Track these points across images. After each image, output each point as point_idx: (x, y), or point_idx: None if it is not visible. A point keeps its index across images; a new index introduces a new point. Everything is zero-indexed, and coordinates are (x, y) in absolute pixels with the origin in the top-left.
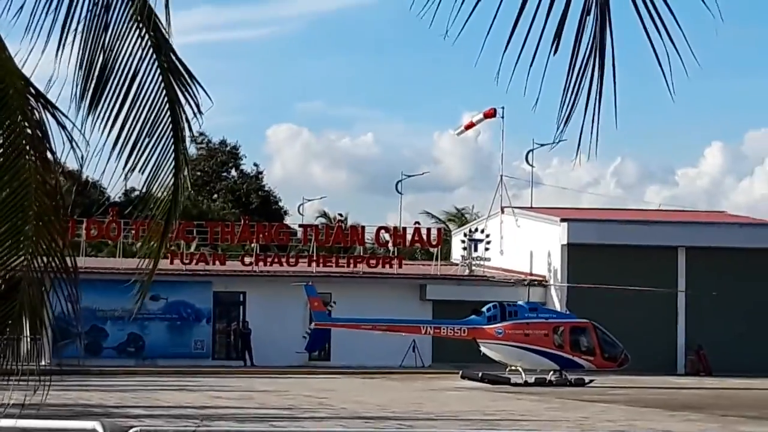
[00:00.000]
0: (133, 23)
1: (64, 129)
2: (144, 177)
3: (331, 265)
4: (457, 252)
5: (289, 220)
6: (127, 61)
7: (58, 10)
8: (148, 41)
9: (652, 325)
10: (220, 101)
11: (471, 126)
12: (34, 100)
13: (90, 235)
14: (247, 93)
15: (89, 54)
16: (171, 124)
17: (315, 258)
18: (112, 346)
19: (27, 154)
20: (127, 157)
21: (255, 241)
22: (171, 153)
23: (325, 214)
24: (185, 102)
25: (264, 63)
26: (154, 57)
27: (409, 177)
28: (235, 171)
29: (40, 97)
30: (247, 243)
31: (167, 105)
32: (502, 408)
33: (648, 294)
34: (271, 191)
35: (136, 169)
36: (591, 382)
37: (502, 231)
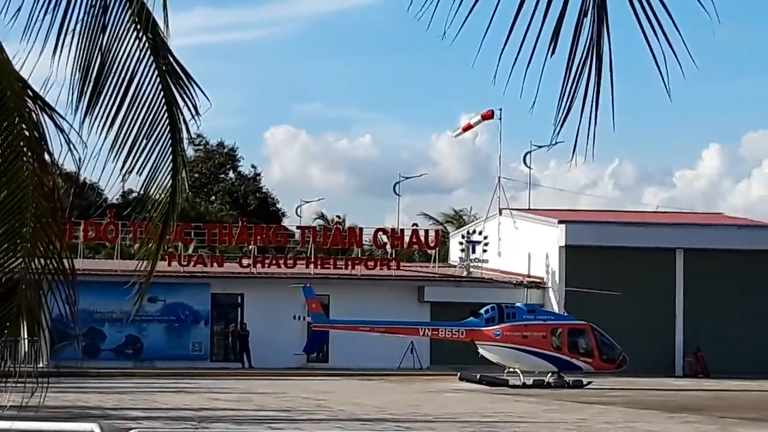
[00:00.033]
0: (130, 25)
1: (61, 131)
2: (142, 179)
3: (329, 267)
4: (455, 254)
5: (287, 222)
6: (124, 63)
7: (55, 11)
8: (146, 43)
9: (650, 326)
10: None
11: (469, 128)
12: (31, 102)
13: (88, 236)
14: (245, 95)
15: (87, 56)
16: (169, 126)
17: (313, 260)
18: (110, 348)
19: (24, 156)
20: (125, 158)
21: (253, 242)
22: (169, 155)
23: (323, 216)
24: (183, 104)
25: (262, 65)
26: (151, 59)
27: (406, 179)
28: (233, 173)
29: (37, 99)
30: (245, 245)
31: (165, 107)
32: (500, 410)
33: (646, 295)
34: (269, 193)
35: (133, 171)
36: (589, 383)
37: (500, 233)
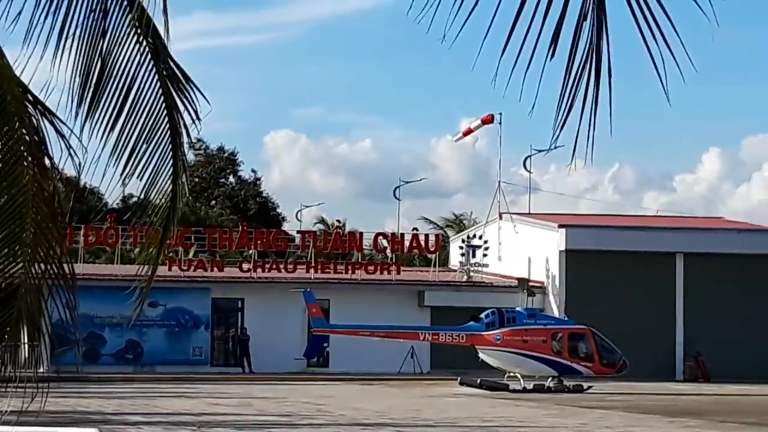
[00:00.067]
0: (131, 30)
1: (62, 136)
2: (142, 183)
3: (329, 272)
4: (455, 258)
5: (287, 227)
6: (125, 68)
7: (56, 16)
8: (146, 47)
9: (651, 331)
10: (218, 107)
11: (469, 132)
12: (31, 107)
13: (88, 241)
14: (245, 99)
15: (87, 60)
16: (169, 130)
17: (313, 264)
18: (111, 353)
19: (25, 161)
20: (125, 163)
21: (253, 247)
22: (169, 159)
23: (323, 221)
24: (183, 108)
25: (262, 69)
26: (152, 63)
27: (407, 183)
28: (233, 177)
29: (37, 104)
30: (245, 249)
31: (165, 111)
32: (500, 414)
33: (646, 300)
34: (269, 197)
35: (134, 176)
36: (589, 388)
37: (500, 237)
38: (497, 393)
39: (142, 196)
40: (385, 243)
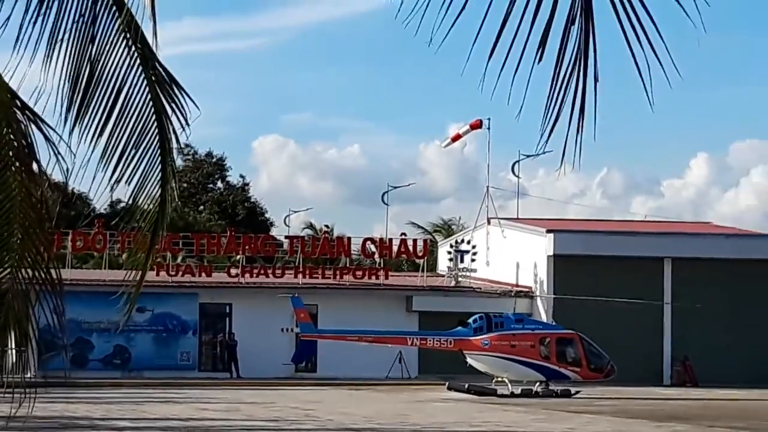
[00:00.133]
0: (120, 35)
1: (49, 141)
2: (130, 188)
3: (318, 277)
4: (443, 263)
5: (275, 232)
6: (113, 73)
7: (44, 22)
8: (135, 53)
9: (638, 336)
10: (207, 112)
11: (458, 138)
12: (20, 113)
13: (76, 246)
14: (234, 104)
15: (76, 66)
16: (158, 136)
17: (301, 269)
18: (98, 358)
19: (12, 167)
20: (114, 168)
21: (241, 252)
22: (158, 164)
23: (311, 226)
24: (172, 113)
25: (251, 74)
26: (141, 68)
27: (395, 188)
28: (221, 182)
29: (26, 109)
30: (234, 254)
31: (154, 117)
32: (488, 419)
33: (634, 305)
34: (257, 203)
35: (122, 181)
36: (577, 393)
37: (489, 242)
38: (485, 398)
39: (131, 202)
40: (373, 248)
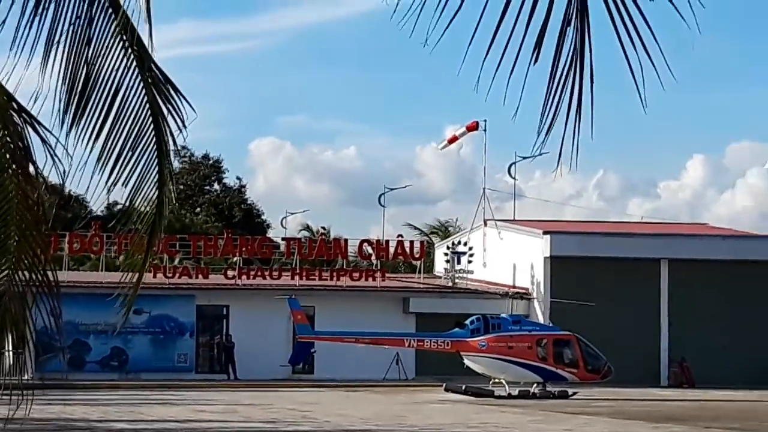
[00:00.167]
0: (116, 37)
1: (46, 144)
2: (127, 191)
3: (315, 279)
4: (440, 265)
5: (272, 234)
6: (110, 75)
7: (41, 24)
8: (132, 55)
9: (635, 337)
10: (203, 115)
11: (454, 140)
12: (16, 115)
13: (72, 249)
14: (230, 107)
15: (72, 68)
16: (154, 138)
17: (298, 271)
18: (95, 360)
19: (9, 169)
20: (110, 170)
21: (238, 254)
22: (154, 167)
23: (308, 228)
24: (169, 115)
25: (247, 77)
26: (137, 71)
27: (391, 190)
28: (217, 184)
29: (22, 112)
30: (230, 256)
31: (151, 119)
32: (485, 420)
33: (631, 306)
34: (253, 205)
35: (119, 183)
36: (574, 394)
37: (485, 244)
38: (482, 399)
39: (127, 204)
40: (370, 250)
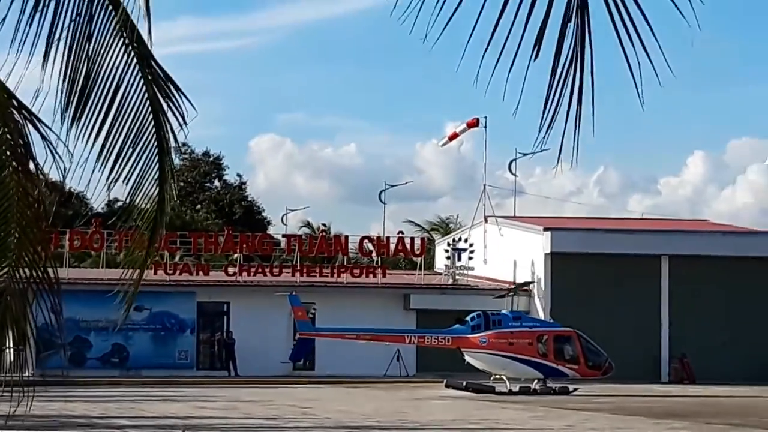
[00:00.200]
0: (116, 34)
1: (47, 141)
2: (128, 188)
3: (315, 275)
4: (440, 261)
5: (272, 231)
6: (110, 72)
7: (41, 21)
8: (132, 52)
9: (636, 333)
10: (203, 112)
11: (455, 137)
12: (17, 113)
13: (73, 246)
14: (230, 104)
15: (73, 65)
16: (155, 135)
17: (299, 268)
18: (96, 357)
19: (10, 166)
20: (111, 167)
21: (238, 251)
22: (155, 164)
23: (308, 224)
24: (169, 112)
25: (246, 74)
26: (137, 68)
27: (392, 187)
28: (218, 181)
29: (23, 109)
30: (231, 253)
31: (151, 116)
32: (486, 417)
33: (631, 302)
34: (254, 202)
35: (119, 180)
36: (575, 390)
37: (486, 240)
38: (483, 395)
39: (128, 201)
40: (370, 246)
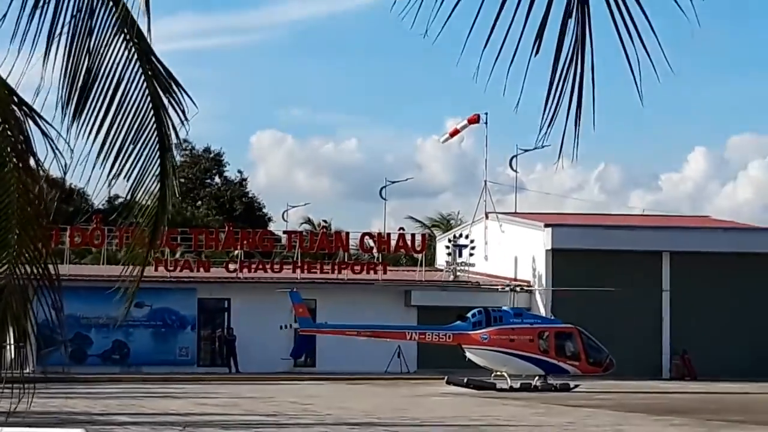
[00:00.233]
0: (117, 30)
1: (47, 137)
2: (129, 184)
3: (316, 272)
4: (441, 258)
5: (273, 227)
6: (111, 68)
7: (42, 17)
8: (133, 48)
9: (637, 329)
10: (204, 108)
11: (456, 133)
12: (17, 109)
13: (74, 242)
14: (231, 100)
15: (74, 61)
16: (156, 131)
17: (299, 264)
18: (97, 354)
19: (10, 163)
20: (112, 164)
21: (239, 247)
22: (156, 160)
23: (309, 221)
24: (170, 108)
25: (247, 70)
26: (138, 63)
27: (392, 183)
28: (218, 178)
29: (23, 105)
30: (232, 250)
31: (152, 112)
32: (487, 413)
33: (633, 298)
34: (255, 198)
35: (120, 176)
36: (576, 387)
37: (487, 236)
38: (484, 392)
39: (129, 197)
40: (371, 243)
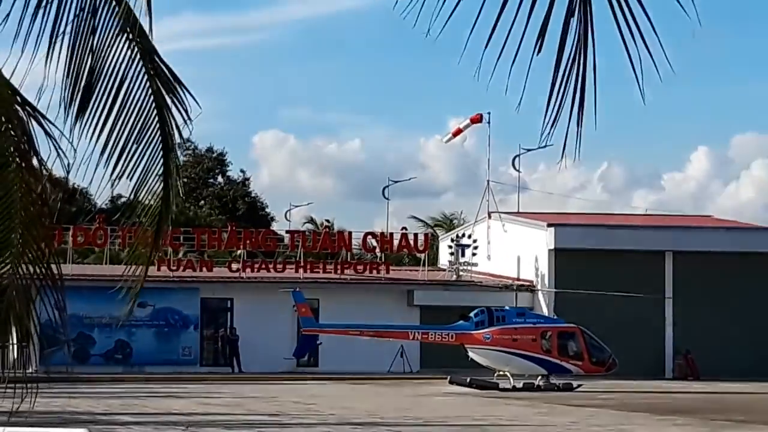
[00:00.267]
0: (120, 29)
1: (50, 137)
2: (131, 184)
3: (319, 271)
4: (444, 257)
5: (276, 227)
6: (114, 67)
7: (45, 17)
8: (136, 47)
9: (640, 329)
10: (206, 108)
11: (459, 132)
12: (20, 109)
13: (77, 242)
14: (234, 99)
15: (76, 60)
16: (159, 131)
17: (302, 264)
18: (100, 353)
19: (13, 163)
20: (115, 163)
21: (242, 247)
22: (159, 159)
23: (312, 221)
24: (174, 108)
25: (250, 69)
26: (141, 63)
27: (395, 183)
28: (221, 177)
29: (26, 105)
30: (234, 249)
31: (155, 111)
32: (490, 413)
33: (635, 298)
34: (257, 197)
35: (123, 176)
36: (579, 386)
37: (489, 236)
38: (487, 392)
39: (132, 197)
40: (374, 242)
